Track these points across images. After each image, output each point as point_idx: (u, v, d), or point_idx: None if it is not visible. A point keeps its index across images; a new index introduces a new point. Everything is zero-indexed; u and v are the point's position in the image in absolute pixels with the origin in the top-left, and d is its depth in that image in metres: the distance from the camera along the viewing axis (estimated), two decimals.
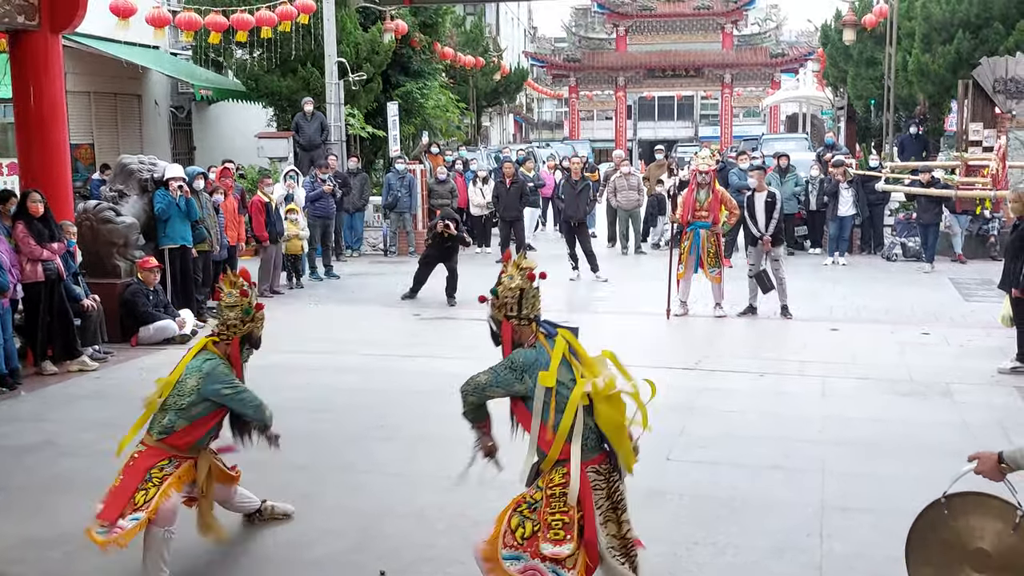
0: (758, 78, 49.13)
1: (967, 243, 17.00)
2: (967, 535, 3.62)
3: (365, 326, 12.18)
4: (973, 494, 3.66)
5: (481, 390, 4.59)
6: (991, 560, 3.58)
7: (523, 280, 4.56)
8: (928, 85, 23.28)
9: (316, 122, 19.56)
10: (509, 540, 4.24)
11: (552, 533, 4.18)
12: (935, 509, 3.69)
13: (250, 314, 5.29)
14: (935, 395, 8.51)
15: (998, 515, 3.58)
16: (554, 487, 4.29)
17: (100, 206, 11.68)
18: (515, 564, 4.19)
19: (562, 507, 4.23)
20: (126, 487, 5.03)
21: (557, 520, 4.21)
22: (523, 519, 4.27)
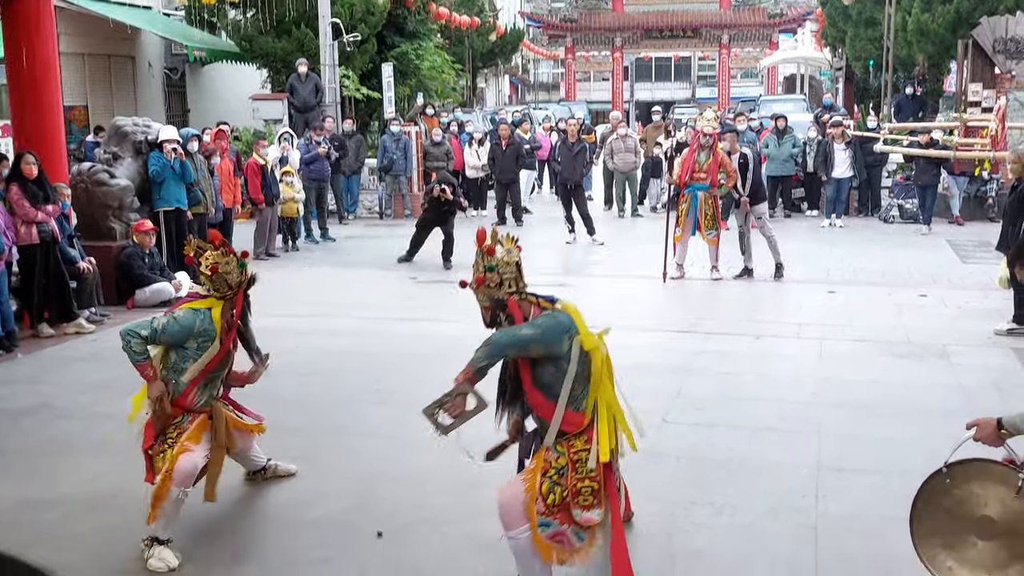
0: (756, 39, 48.80)
1: (965, 205, 16.97)
2: (970, 503, 3.62)
3: (360, 289, 12.16)
4: (974, 461, 3.65)
5: (524, 344, 4.33)
6: (996, 526, 3.58)
7: (516, 253, 4.47)
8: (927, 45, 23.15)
9: (310, 84, 19.42)
10: (540, 507, 4.22)
11: (581, 499, 4.21)
12: (937, 479, 3.69)
13: (245, 265, 5.31)
14: (932, 357, 8.53)
15: (1000, 480, 3.58)
16: (578, 452, 4.27)
17: (94, 168, 11.61)
18: (545, 531, 4.21)
19: (590, 472, 4.23)
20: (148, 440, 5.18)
21: (587, 487, 4.22)
22: (553, 484, 4.25)
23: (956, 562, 3.64)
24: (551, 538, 4.21)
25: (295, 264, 14.01)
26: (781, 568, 4.79)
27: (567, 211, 15.69)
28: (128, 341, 5.05)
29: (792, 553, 4.93)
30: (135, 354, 5.10)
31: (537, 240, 16.19)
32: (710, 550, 4.98)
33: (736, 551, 4.97)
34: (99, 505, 5.60)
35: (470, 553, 4.92)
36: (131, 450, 6.35)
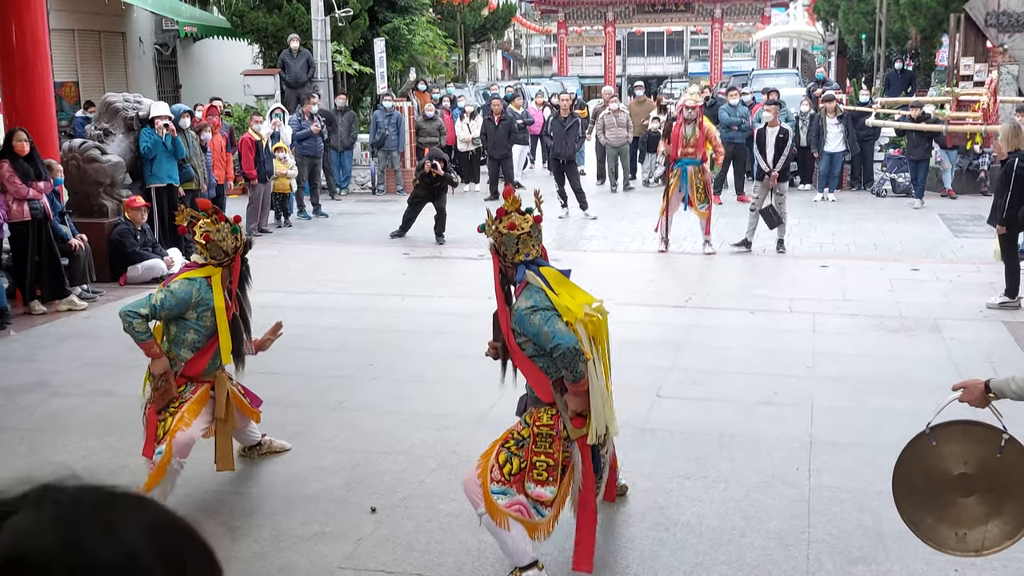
0: (748, 12, 48.61)
1: (957, 178, 16.99)
2: (952, 462, 3.67)
3: (354, 265, 12.15)
4: (957, 422, 3.70)
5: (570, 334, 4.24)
6: (976, 483, 3.64)
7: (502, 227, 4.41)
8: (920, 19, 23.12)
9: (302, 59, 19.31)
10: (496, 475, 4.30)
11: (536, 473, 4.29)
12: (921, 440, 3.74)
13: (237, 231, 5.32)
14: (924, 331, 8.56)
15: (983, 440, 3.63)
16: (541, 427, 4.37)
17: (85, 145, 11.56)
18: (502, 499, 4.27)
19: (547, 448, 4.32)
20: (152, 420, 5.17)
21: (542, 461, 4.31)
22: (510, 455, 4.34)
23: (936, 519, 3.70)
24: (509, 507, 4.26)
25: (288, 240, 13.98)
26: (774, 541, 4.83)
27: (559, 186, 15.68)
28: (129, 322, 5.03)
29: (785, 526, 4.97)
30: (138, 334, 5.08)
31: None
32: (703, 523, 5.02)
33: (729, 524, 5.01)
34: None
35: (464, 529, 4.95)
36: (126, 427, 6.38)
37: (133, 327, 5.04)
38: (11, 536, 0.92)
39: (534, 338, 4.31)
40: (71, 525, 0.94)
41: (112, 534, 0.94)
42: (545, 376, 4.41)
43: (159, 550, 0.95)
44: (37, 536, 0.92)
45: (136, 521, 0.97)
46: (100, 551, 0.92)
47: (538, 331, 4.26)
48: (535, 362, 4.42)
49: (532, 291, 4.38)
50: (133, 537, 0.95)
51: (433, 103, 20.00)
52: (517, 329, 4.38)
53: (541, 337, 4.25)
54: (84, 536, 0.93)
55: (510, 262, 4.46)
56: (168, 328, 5.24)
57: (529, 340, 4.36)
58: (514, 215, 4.42)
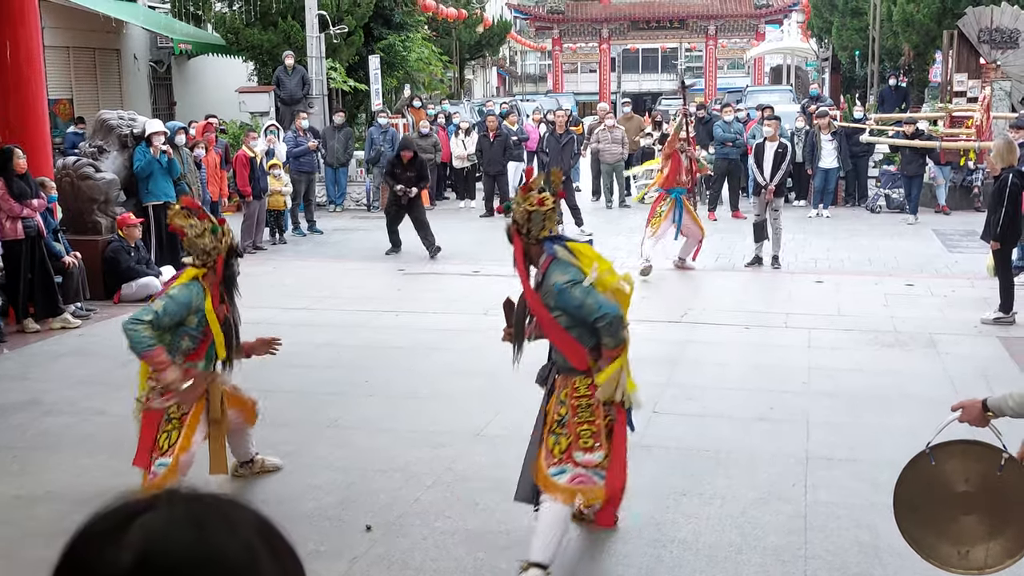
0: (742, 29, 48.77)
1: (951, 194, 17.02)
2: (953, 480, 3.66)
3: (349, 282, 12.13)
4: (957, 442, 3.69)
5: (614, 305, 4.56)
6: (977, 502, 3.63)
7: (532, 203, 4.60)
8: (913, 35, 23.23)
9: (297, 76, 19.34)
10: (550, 459, 4.56)
11: (582, 442, 4.55)
12: (921, 460, 3.73)
13: (218, 231, 5.28)
14: (919, 346, 8.56)
15: (983, 458, 3.63)
16: (580, 398, 4.59)
17: (80, 162, 11.54)
18: (562, 476, 4.52)
19: (588, 417, 4.57)
20: (148, 430, 5.20)
21: (585, 430, 4.56)
22: (556, 437, 4.58)
23: (938, 537, 3.69)
24: (572, 482, 4.52)
25: (283, 257, 13.96)
26: (771, 558, 4.81)
27: None
28: (135, 330, 4.95)
29: (782, 543, 4.95)
30: (144, 342, 4.96)
31: None
32: (700, 540, 5.00)
33: (726, 541, 4.98)
34: (88, 501, 5.53)
35: (460, 547, 4.92)
36: (119, 446, 6.35)
37: (138, 334, 4.94)
38: (143, 534, 1.01)
39: (575, 311, 4.51)
40: (200, 523, 1.03)
41: (235, 532, 1.05)
42: (581, 346, 4.60)
43: (269, 547, 1.06)
44: (171, 532, 1.01)
45: (249, 521, 1.08)
46: (227, 546, 1.03)
47: (581, 303, 4.46)
48: (570, 333, 4.60)
49: (565, 265, 4.55)
50: (250, 534, 1.05)
51: (428, 120, 20.02)
52: (553, 303, 4.55)
53: (584, 309, 4.47)
54: (213, 533, 1.03)
55: (535, 239, 4.62)
56: (163, 337, 5.18)
57: (564, 313, 4.54)
58: (538, 193, 4.61)
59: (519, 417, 6.84)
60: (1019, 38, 17.99)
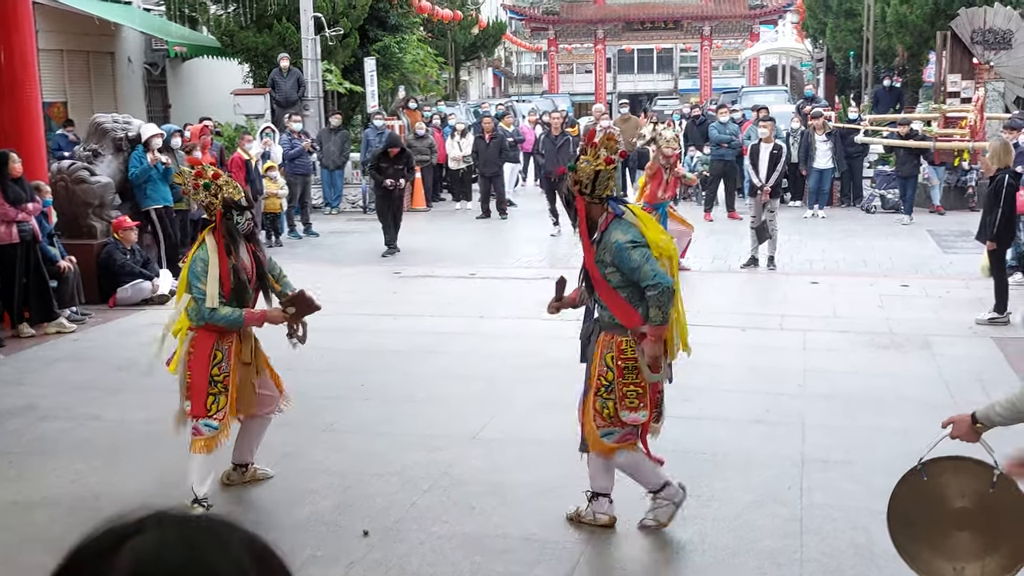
0: (737, 30, 48.84)
1: (945, 194, 17.06)
2: (946, 496, 3.67)
3: (345, 285, 12.12)
4: (949, 458, 3.71)
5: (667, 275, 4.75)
6: (972, 518, 3.63)
7: (600, 163, 4.80)
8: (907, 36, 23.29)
9: (292, 78, 19.32)
10: (600, 422, 4.85)
11: (628, 402, 4.81)
12: (913, 476, 3.74)
13: (210, 186, 5.41)
14: (914, 348, 8.57)
15: (975, 475, 3.63)
16: (627, 360, 4.79)
17: (74, 166, 11.53)
18: (611, 437, 4.86)
19: (635, 379, 4.79)
20: (200, 381, 5.34)
21: (631, 391, 4.81)
22: (604, 401, 4.84)
23: (933, 553, 3.69)
24: (621, 440, 4.88)
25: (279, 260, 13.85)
26: (767, 561, 4.82)
27: (551, 204, 15.69)
28: (216, 316, 5.26)
29: (777, 546, 4.96)
30: (233, 317, 5.32)
31: (521, 233, 16.22)
32: (696, 543, 5.01)
33: (722, 544, 4.99)
34: (83, 507, 5.56)
35: (457, 551, 4.93)
36: (114, 451, 6.36)
37: (224, 316, 5.28)
38: (134, 556, 1.01)
39: (630, 272, 4.68)
40: (191, 544, 1.03)
41: (226, 551, 1.04)
42: (630, 305, 4.79)
43: (261, 566, 1.06)
44: (162, 554, 1.01)
45: (240, 540, 1.07)
46: (219, 566, 1.03)
47: (637, 267, 4.64)
48: (620, 292, 4.80)
49: (626, 225, 4.74)
50: (242, 554, 1.05)
51: (424, 121, 20.02)
52: (607, 260, 4.73)
53: (639, 272, 4.65)
54: (204, 553, 1.03)
55: (597, 198, 4.80)
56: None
57: (617, 271, 4.74)
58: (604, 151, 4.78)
59: (515, 420, 6.87)
60: (1012, 39, 18.04)
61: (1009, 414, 3.51)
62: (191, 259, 5.41)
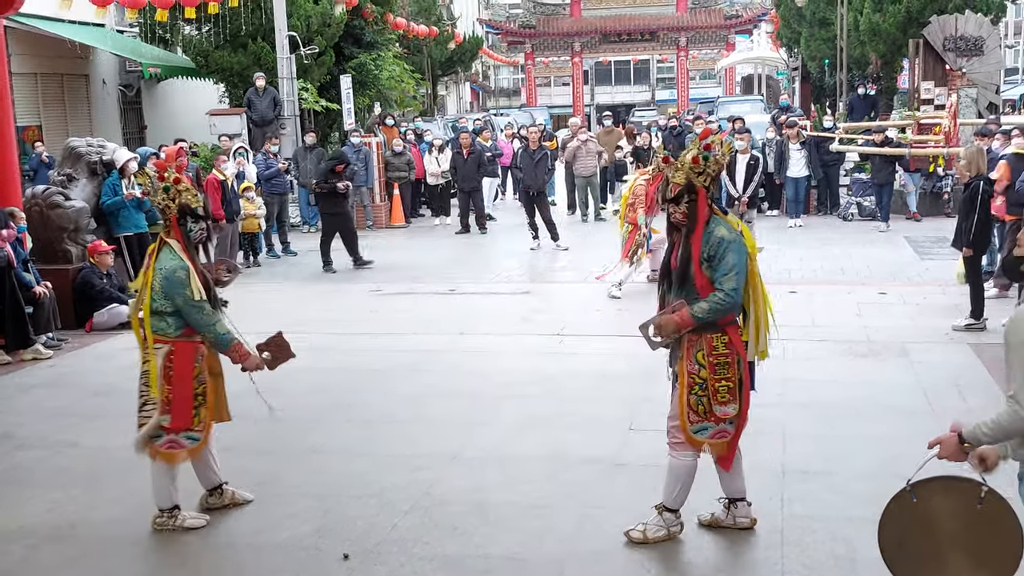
0: (713, 40, 49.14)
1: (921, 200, 17.17)
2: (935, 517, 3.69)
3: (323, 303, 12.09)
4: (937, 478, 3.73)
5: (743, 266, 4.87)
6: (961, 537, 3.66)
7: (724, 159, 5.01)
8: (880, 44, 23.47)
9: (268, 97, 19.30)
10: (693, 418, 4.97)
11: (720, 396, 4.93)
12: (902, 498, 3.75)
13: (170, 189, 5.40)
14: (893, 355, 8.61)
15: (963, 493, 3.65)
16: (719, 356, 4.92)
17: (49, 191, 11.46)
18: (704, 434, 4.98)
19: (726, 374, 4.92)
20: (184, 395, 5.35)
21: (723, 386, 4.93)
22: (699, 398, 4.95)
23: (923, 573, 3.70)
24: (713, 437, 4.99)
25: (258, 280, 13.89)
26: (748, 574, 4.82)
27: (530, 218, 15.71)
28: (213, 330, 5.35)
29: (759, 557, 4.95)
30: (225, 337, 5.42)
31: (501, 247, 16.22)
32: (678, 557, 5.00)
33: (703, 558, 4.99)
34: (60, 536, 5.51)
35: (438, 573, 4.90)
36: (92, 479, 6.30)
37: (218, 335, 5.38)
38: None
39: (717, 267, 4.80)
40: None
41: None
42: None
43: None
44: None
45: None
46: None
47: (729, 269, 4.78)
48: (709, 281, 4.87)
49: (728, 227, 4.91)
50: None
51: (401, 137, 20.03)
52: (707, 255, 4.83)
53: (725, 276, 4.78)
54: None
55: (712, 194, 5.00)
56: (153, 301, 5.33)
57: (710, 267, 4.83)
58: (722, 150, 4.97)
59: (498, 438, 6.85)
60: (983, 45, 18.21)
61: (995, 433, 3.52)
62: (166, 271, 5.29)
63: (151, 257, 5.47)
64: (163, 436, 5.37)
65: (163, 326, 5.35)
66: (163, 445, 5.38)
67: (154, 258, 5.42)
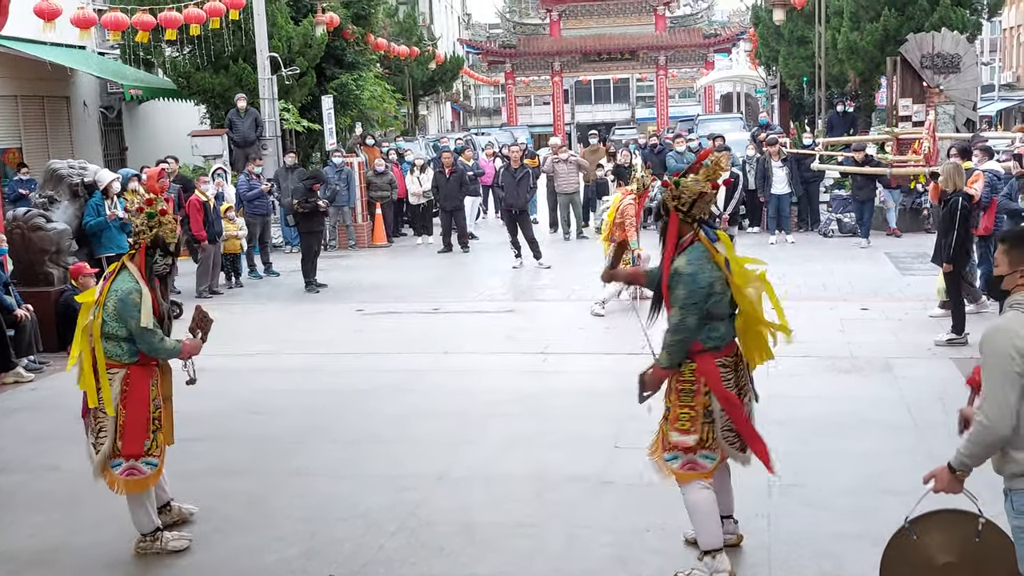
0: (692, 59, 49.50)
1: (901, 216, 17.29)
2: (935, 552, 3.71)
3: (307, 324, 12.05)
4: (934, 512, 3.75)
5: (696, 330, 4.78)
6: (961, 569, 3.67)
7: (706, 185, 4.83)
8: (858, 62, 23.66)
9: (250, 118, 19.29)
10: (666, 443, 4.87)
11: (679, 424, 4.81)
12: (902, 535, 3.76)
13: (153, 217, 5.39)
14: (876, 371, 8.65)
15: (961, 525, 3.68)
16: (683, 383, 4.82)
17: (30, 213, 11.40)
18: (675, 462, 4.85)
19: (689, 400, 4.80)
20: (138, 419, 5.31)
21: (684, 412, 4.80)
22: (666, 423, 4.90)
23: None
24: (684, 467, 4.82)
25: (240, 300, 13.85)
26: None
27: (512, 236, 15.73)
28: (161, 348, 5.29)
29: (747, 574, 4.96)
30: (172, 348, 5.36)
31: (484, 266, 16.22)
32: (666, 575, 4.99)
33: None
34: (42, 561, 5.46)
35: None
36: (74, 502, 6.25)
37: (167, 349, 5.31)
38: None
39: (671, 296, 4.79)
40: None
41: None
42: None
43: None
44: None
45: None
46: None
47: (674, 301, 4.74)
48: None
49: (697, 255, 4.75)
50: None
51: (383, 157, 20.04)
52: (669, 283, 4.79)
53: (673, 307, 4.76)
54: None
55: (691, 217, 4.80)
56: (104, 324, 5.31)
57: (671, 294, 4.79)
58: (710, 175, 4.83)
59: (484, 457, 6.84)
60: (960, 63, 18.40)
61: (975, 451, 3.53)
62: (121, 293, 5.27)
63: (107, 280, 5.46)
64: (121, 463, 5.31)
65: (117, 352, 5.32)
66: (123, 472, 5.32)
67: (111, 280, 5.39)
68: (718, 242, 4.87)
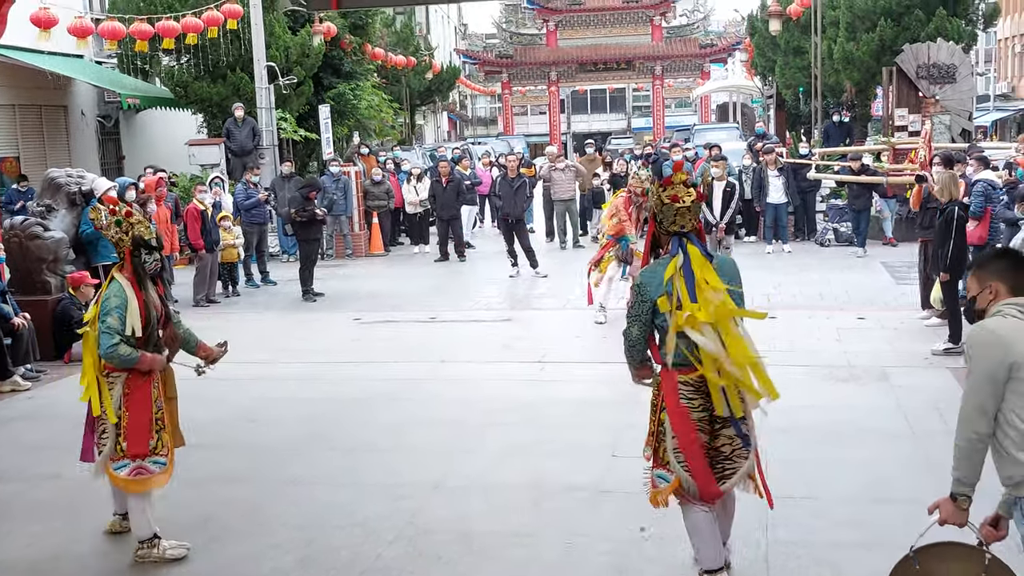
0: (688, 69, 49.63)
1: (897, 225, 17.32)
2: None
3: (304, 333, 12.06)
4: (939, 544, 3.72)
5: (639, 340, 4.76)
6: None
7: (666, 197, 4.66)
8: (854, 72, 23.75)
9: (247, 127, 19.32)
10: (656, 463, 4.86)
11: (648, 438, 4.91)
12: (905, 565, 3.74)
13: (122, 223, 5.47)
14: (873, 380, 8.66)
15: (967, 559, 3.65)
16: (654, 395, 4.87)
17: (27, 222, 11.40)
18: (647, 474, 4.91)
19: (652, 415, 4.87)
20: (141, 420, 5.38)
21: (649, 427, 4.91)
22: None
23: None
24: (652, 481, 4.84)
25: (237, 309, 13.85)
26: None
27: (509, 245, 15.75)
28: (117, 354, 5.25)
29: None
30: (132, 357, 5.30)
31: (481, 275, 16.23)
32: None
33: None
34: (40, 570, 5.45)
35: None
36: (72, 511, 6.24)
37: (119, 353, 5.26)
38: None
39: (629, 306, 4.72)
40: None
41: None
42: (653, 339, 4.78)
43: None
44: None
45: None
46: None
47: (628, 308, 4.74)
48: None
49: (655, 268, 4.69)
50: None
51: (379, 166, 20.07)
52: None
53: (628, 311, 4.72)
54: None
55: (665, 230, 4.72)
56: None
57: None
58: (679, 187, 4.65)
59: (481, 466, 6.84)
60: (955, 73, 18.46)
61: (963, 467, 3.53)
62: (104, 295, 5.43)
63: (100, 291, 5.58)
64: (128, 464, 5.34)
65: None
66: (131, 473, 5.36)
67: (102, 291, 5.52)
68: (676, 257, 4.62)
